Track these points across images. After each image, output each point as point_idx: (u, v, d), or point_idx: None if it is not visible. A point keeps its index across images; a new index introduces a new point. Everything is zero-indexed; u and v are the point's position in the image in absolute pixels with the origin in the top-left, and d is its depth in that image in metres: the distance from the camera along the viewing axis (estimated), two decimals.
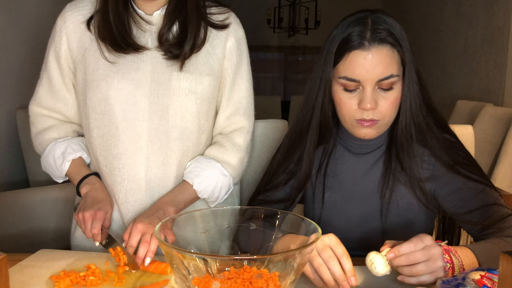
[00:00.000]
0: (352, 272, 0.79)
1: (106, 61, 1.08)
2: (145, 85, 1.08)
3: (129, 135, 1.09)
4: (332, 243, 0.82)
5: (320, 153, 1.13)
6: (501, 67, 3.33)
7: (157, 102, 1.08)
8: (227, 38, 1.14)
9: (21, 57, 2.54)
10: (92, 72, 1.09)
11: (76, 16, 1.11)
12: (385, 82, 0.95)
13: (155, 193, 1.12)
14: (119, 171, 1.10)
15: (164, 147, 1.10)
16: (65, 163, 1.13)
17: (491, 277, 0.73)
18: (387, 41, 0.94)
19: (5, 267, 0.65)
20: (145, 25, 1.10)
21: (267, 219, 0.89)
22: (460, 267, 0.84)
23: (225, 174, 1.15)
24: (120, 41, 1.06)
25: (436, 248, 0.82)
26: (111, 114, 1.08)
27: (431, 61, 4.69)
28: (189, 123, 1.11)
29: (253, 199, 1.16)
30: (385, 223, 1.06)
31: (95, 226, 0.99)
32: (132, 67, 1.08)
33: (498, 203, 0.99)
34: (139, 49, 1.07)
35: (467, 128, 1.41)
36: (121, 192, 1.11)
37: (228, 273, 0.75)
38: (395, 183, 1.05)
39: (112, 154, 1.10)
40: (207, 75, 1.11)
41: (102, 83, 1.07)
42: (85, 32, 1.11)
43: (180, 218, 0.85)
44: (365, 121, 0.98)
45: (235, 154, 1.17)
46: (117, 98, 1.07)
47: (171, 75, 1.08)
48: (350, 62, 0.95)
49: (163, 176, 1.12)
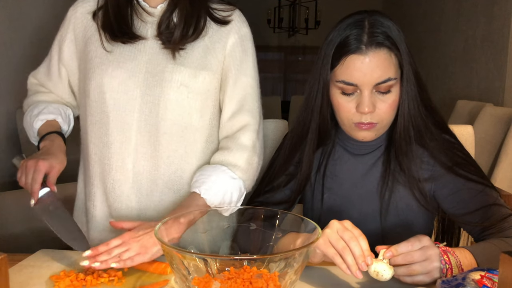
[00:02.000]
0: (369, 252, 0.82)
1: (104, 50, 1.09)
2: (139, 75, 1.08)
3: (119, 124, 1.09)
4: (349, 226, 0.85)
5: (319, 154, 1.13)
6: (501, 67, 3.33)
7: (149, 93, 1.08)
8: (229, 35, 1.12)
9: (21, 56, 2.54)
10: (91, 60, 1.11)
11: (86, 7, 1.15)
12: (382, 85, 0.95)
13: (143, 187, 1.10)
14: (108, 160, 1.10)
15: (153, 139, 1.09)
16: (37, 121, 1.13)
17: (491, 277, 0.73)
18: (384, 45, 0.94)
19: (5, 267, 0.65)
20: (147, 17, 1.11)
21: (267, 219, 0.89)
22: (459, 267, 0.84)
23: (234, 177, 1.08)
24: (116, 30, 1.08)
25: (434, 249, 0.83)
26: (103, 102, 1.09)
27: (431, 61, 4.69)
28: (179, 118, 1.09)
29: (252, 200, 1.16)
30: (385, 224, 1.06)
31: (34, 179, 0.95)
32: (129, 57, 1.09)
33: (498, 203, 0.99)
34: (135, 38, 1.08)
35: (467, 128, 1.41)
36: (108, 182, 1.11)
37: (228, 273, 0.75)
38: (394, 184, 1.05)
39: (103, 142, 1.10)
40: (203, 70, 1.10)
41: (97, 70, 1.09)
42: (91, 23, 1.13)
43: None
44: (364, 124, 0.98)
45: (241, 155, 1.10)
46: (109, 86, 1.08)
47: (166, 67, 1.08)
48: (347, 66, 0.95)
49: (151, 170, 1.10)
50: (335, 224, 0.85)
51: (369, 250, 0.82)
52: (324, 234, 0.84)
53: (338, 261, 0.82)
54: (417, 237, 0.83)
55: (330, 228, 0.84)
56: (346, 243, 0.82)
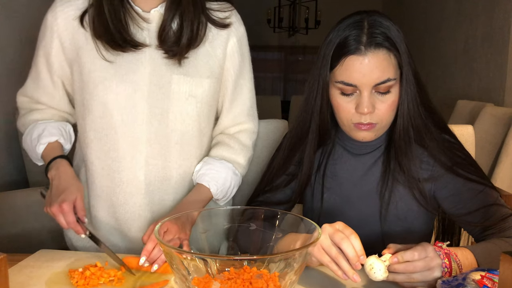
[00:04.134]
0: (362, 251, 0.82)
1: (102, 61, 1.04)
2: (144, 87, 1.05)
3: (128, 139, 1.07)
4: (341, 227, 0.84)
5: (319, 154, 1.13)
6: (501, 67, 3.33)
7: (157, 105, 1.06)
8: (228, 38, 1.12)
9: (19, 57, 2.53)
10: (89, 73, 1.05)
11: (68, 12, 1.06)
12: (382, 86, 0.95)
13: (155, 196, 1.11)
14: (118, 174, 1.08)
15: (164, 150, 1.08)
16: (39, 146, 1.10)
17: (492, 277, 0.73)
18: (383, 46, 0.94)
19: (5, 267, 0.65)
20: (142, 23, 1.06)
21: (267, 220, 0.89)
22: (460, 269, 0.84)
23: (236, 174, 1.16)
24: (118, 38, 1.02)
25: (437, 259, 0.82)
26: (110, 118, 1.06)
27: (431, 61, 4.68)
28: (189, 127, 1.10)
29: (252, 200, 1.16)
30: (384, 223, 1.06)
31: (69, 221, 0.96)
32: (131, 69, 1.04)
33: (498, 203, 0.99)
34: (137, 46, 1.03)
35: (467, 128, 1.41)
36: (120, 194, 1.10)
37: (228, 273, 0.75)
38: (394, 184, 1.04)
39: (111, 157, 1.08)
40: (207, 77, 1.09)
41: (99, 86, 1.04)
42: (78, 30, 1.06)
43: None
44: (363, 125, 0.98)
45: (245, 154, 1.18)
46: (116, 102, 1.05)
47: (171, 78, 1.06)
48: (346, 67, 0.95)
49: (163, 179, 1.10)
50: (326, 229, 0.84)
51: (362, 250, 0.82)
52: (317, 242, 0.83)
53: (333, 268, 0.82)
54: (423, 247, 0.83)
55: (323, 235, 0.83)
56: (338, 245, 0.81)
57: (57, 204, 0.97)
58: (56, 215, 0.97)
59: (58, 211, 0.97)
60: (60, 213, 0.97)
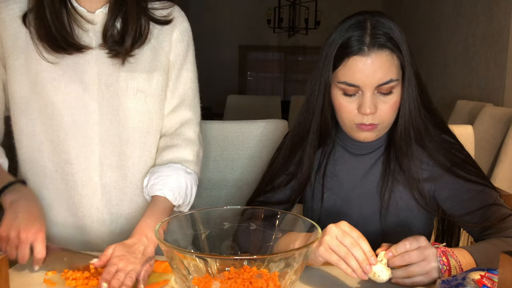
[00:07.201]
0: (371, 252, 0.82)
1: (49, 62, 1.01)
2: (93, 87, 1.04)
3: (80, 140, 1.05)
4: (347, 228, 0.84)
5: (319, 154, 1.13)
6: (501, 67, 3.33)
7: (107, 104, 1.05)
8: (173, 30, 1.12)
9: None
10: (36, 74, 1.02)
11: (13, 8, 1.02)
12: (384, 86, 0.95)
13: (112, 197, 1.09)
14: (72, 176, 1.07)
15: (117, 149, 1.07)
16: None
17: (491, 277, 0.73)
18: (386, 46, 0.94)
19: (5, 267, 0.65)
20: (87, 24, 1.04)
21: (267, 219, 0.89)
22: (458, 267, 0.84)
23: (189, 172, 1.11)
24: (61, 41, 0.99)
25: (431, 249, 0.83)
26: (60, 119, 1.04)
27: (431, 61, 4.69)
28: (140, 124, 1.09)
29: (252, 199, 1.16)
30: (384, 223, 1.06)
31: (40, 251, 0.90)
32: (78, 69, 1.03)
33: (498, 203, 0.99)
34: (82, 49, 1.01)
35: (467, 128, 1.41)
36: (75, 197, 1.08)
37: (228, 273, 0.75)
38: (394, 184, 1.05)
39: (63, 159, 1.06)
40: (155, 71, 1.09)
41: (48, 86, 1.02)
42: (21, 29, 1.02)
43: (180, 218, 0.85)
44: (365, 125, 0.98)
45: (191, 149, 1.13)
46: (65, 103, 1.03)
47: (119, 76, 1.05)
48: (349, 67, 0.95)
49: (119, 179, 1.09)
50: (333, 230, 0.84)
51: (371, 251, 0.82)
52: (324, 242, 0.84)
53: (343, 266, 0.82)
54: (414, 237, 0.84)
55: (329, 235, 0.84)
56: (347, 248, 0.82)
57: (33, 230, 0.90)
58: (23, 243, 0.89)
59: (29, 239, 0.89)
60: (29, 242, 0.89)
